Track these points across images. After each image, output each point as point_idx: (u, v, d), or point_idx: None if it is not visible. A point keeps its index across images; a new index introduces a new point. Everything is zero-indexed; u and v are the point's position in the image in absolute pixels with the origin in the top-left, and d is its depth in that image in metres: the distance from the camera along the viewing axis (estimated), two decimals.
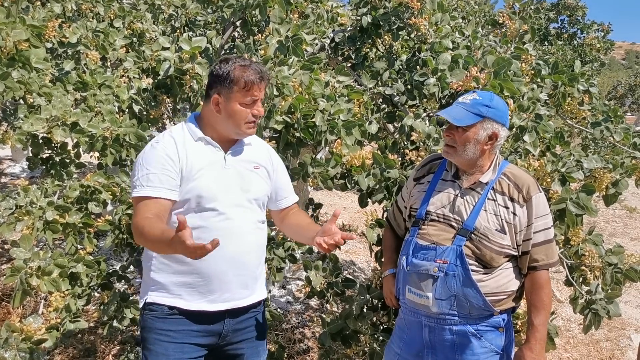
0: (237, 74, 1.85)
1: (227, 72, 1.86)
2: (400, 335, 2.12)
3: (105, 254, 4.37)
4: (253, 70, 1.86)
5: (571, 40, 8.16)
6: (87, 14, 3.74)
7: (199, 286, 1.86)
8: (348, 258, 5.70)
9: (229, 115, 1.88)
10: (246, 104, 1.87)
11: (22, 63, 2.84)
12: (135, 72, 3.27)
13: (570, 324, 4.79)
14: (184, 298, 1.87)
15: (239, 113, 1.87)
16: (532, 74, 3.31)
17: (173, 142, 1.88)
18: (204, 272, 1.85)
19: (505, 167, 2.03)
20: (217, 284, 1.87)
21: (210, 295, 1.88)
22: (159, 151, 1.85)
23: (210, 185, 1.85)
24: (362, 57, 3.78)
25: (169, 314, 1.87)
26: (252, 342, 2.03)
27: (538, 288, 1.97)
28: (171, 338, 1.86)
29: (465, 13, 5.16)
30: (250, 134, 1.95)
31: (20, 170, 7.44)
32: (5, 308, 3.93)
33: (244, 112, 1.88)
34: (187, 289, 1.87)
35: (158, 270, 1.88)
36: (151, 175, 1.80)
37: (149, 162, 1.83)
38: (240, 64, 1.88)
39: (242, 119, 1.88)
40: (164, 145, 1.87)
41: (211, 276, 1.86)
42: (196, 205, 1.84)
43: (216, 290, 1.88)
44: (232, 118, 1.88)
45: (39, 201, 2.62)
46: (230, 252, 1.87)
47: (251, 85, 1.85)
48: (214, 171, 1.89)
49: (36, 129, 2.76)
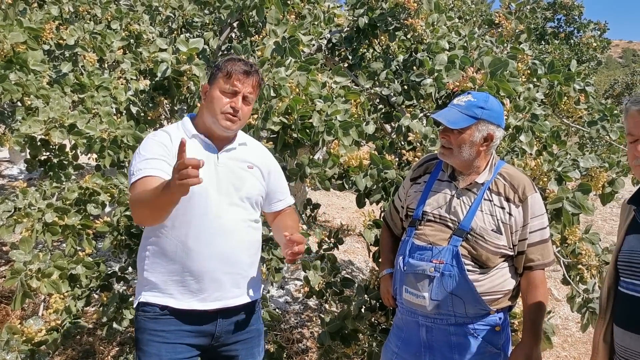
0: (224, 64, 1.92)
1: (218, 63, 1.94)
2: (398, 334, 2.13)
3: (104, 256, 4.37)
4: (241, 64, 1.92)
5: (568, 40, 8.18)
6: (85, 16, 3.74)
7: (190, 284, 1.87)
8: (346, 258, 5.71)
9: (209, 102, 1.92)
10: (225, 92, 1.89)
11: (19, 65, 2.84)
12: (133, 74, 3.27)
13: (568, 322, 4.81)
14: (175, 297, 1.88)
15: (217, 99, 1.89)
16: (528, 73, 3.33)
17: (167, 135, 1.93)
18: (194, 269, 1.86)
19: (501, 167, 2.04)
20: (207, 282, 1.88)
21: (200, 294, 1.88)
22: (155, 141, 1.90)
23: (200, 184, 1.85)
24: (359, 57, 3.79)
25: (161, 315, 1.88)
26: (247, 344, 2.03)
27: (534, 288, 1.98)
28: (163, 338, 1.86)
29: (462, 13, 5.17)
30: (226, 127, 1.91)
31: (18, 172, 7.43)
32: (5, 310, 3.93)
33: (222, 100, 1.89)
34: (178, 288, 1.88)
35: (150, 270, 1.90)
36: (149, 160, 1.84)
37: (146, 150, 1.88)
38: (233, 57, 1.95)
39: (218, 106, 1.89)
40: (159, 137, 1.92)
41: (201, 274, 1.87)
42: (187, 201, 1.78)
43: (207, 288, 1.88)
44: (210, 105, 1.91)
45: (38, 203, 2.62)
46: (219, 249, 1.87)
47: (233, 75, 1.88)
48: (205, 168, 1.89)
49: (34, 131, 2.77)
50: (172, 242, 1.86)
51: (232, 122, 1.91)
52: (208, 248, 1.86)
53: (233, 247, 1.91)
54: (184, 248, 1.85)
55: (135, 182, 1.81)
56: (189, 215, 1.85)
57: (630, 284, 1.58)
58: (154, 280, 1.89)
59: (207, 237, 1.86)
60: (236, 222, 1.93)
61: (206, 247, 1.86)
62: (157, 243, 1.89)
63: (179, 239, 1.85)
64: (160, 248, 1.88)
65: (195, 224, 1.84)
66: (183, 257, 1.86)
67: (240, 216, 1.94)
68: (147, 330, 1.89)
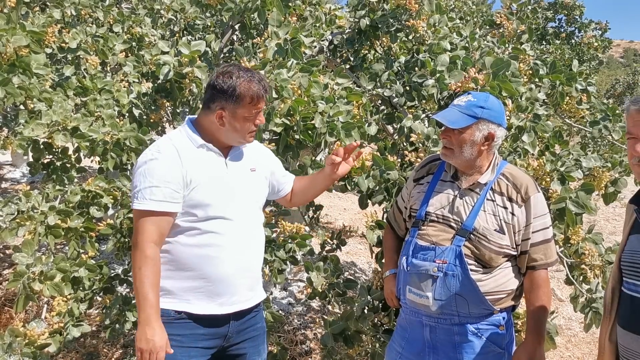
0: (243, 90, 1.84)
1: (233, 88, 1.84)
2: (402, 334, 2.13)
3: (107, 258, 4.38)
4: (257, 84, 1.86)
5: (569, 40, 8.16)
6: (87, 19, 3.75)
7: (207, 290, 1.88)
8: (349, 259, 5.71)
9: (234, 129, 1.89)
10: (252, 117, 1.90)
11: (22, 69, 2.85)
12: (135, 77, 3.28)
13: (571, 322, 4.79)
14: (192, 303, 1.88)
15: (245, 125, 1.89)
16: (530, 74, 3.32)
17: (175, 151, 1.85)
18: (212, 276, 1.87)
19: (504, 168, 2.04)
20: (224, 288, 1.89)
21: (218, 299, 1.89)
22: (162, 163, 1.82)
23: (215, 193, 1.87)
24: (361, 59, 3.79)
25: (176, 318, 1.87)
26: (254, 341, 2.05)
27: (537, 287, 1.98)
28: (178, 342, 1.86)
29: (463, 14, 5.17)
30: (251, 142, 1.99)
31: (21, 176, 7.44)
32: (8, 313, 3.94)
33: (249, 125, 1.90)
34: (195, 294, 1.88)
35: (164, 276, 1.87)
36: (154, 188, 1.79)
37: (152, 174, 1.81)
38: (245, 78, 1.85)
39: (246, 131, 1.91)
40: (167, 156, 1.84)
41: (219, 280, 1.88)
42: (203, 214, 1.85)
43: (224, 293, 1.89)
44: (237, 132, 1.90)
45: (41, 206, 2.63)
46: (237, 257, 1.89)
47: (257, 100, 1.87)
48: (217, 179, 1.90)
49: (37, 134, 2.77)
50: (187, 249, 1.86)
51: (255, 133, 1.98)
52: (223, 254, 1.87)
53: (250, 254, 1.95)
54: (200, 255, 1.85)
55: (139, 211, 1.81)
56: (206, 224, 1.86)
57: (632, 285, 1.58)
58: (168, 287, 1.87)
59: (222, 244, 1.87)
60: (251, 228, 1.96)
61: (222, 253, 1.87)
62: (171, 251, 1.87)
63: (195, 246, 1.86)
64: (174, 256, 1.87)
65: (211, 231, 1.85)
66: (199, 264, 1.86)
67: (252, 221, 1.98)
68: None
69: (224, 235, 1.87)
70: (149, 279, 1.75)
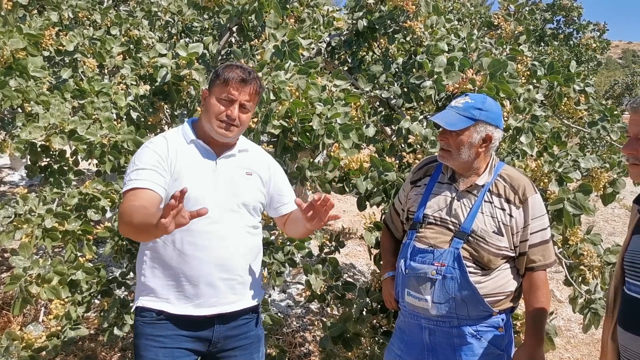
0: (221, 71, 1.91)
1: (217, 69, 1.93)
2: (400, 337, 2.13)
3: (105, 261, 4.37)
4: (238, 71, 1.90)
5: (567, 41, 8.17)
6: (84, 21, 3.75)
7: (186, 289, 1.87)
8: (348, 261, 5.70)
9: (206, 109, 1.92)
10: (221, 100, 1.89)
11: (19, 72, 2.85)
12: (133, 79, 3.28)
13: (570, 323, 4.79)
14: (171, 302, 1.88)
15: (213, 107, 1.89)
16: (527, 74, 3.33)
17: (165, 142, 1.92)
18: (189, 274, 1.86)
19: (501, 169, 2.04)
20: (203, 288, 1.87)
21: (196, 299, 1.88)
22: (150, 150, 1.89)
23: (196, 187, 1.85)
24: (359, 60, 3.80)
25: (157, 319, 1.88)
26: (246, 350, 2.01)
27: (535, 289, 1.98)
28: (161, 343, 1.86)
29: (461, 15, 5.18)
30: (221, 135, 1.91)
31: (18, 179, 7.44)
32: (5, 316, 3.93)
33: (217, 108, 1.89)
34: (174, 293, 1.88)
35: (148, 275, 1.90)
36: (140, 170, 1.83)
37: (140, 159, 1.87)
38: (232, 64, 1.93)
39: (214, 113, 1.89)
40: (155, 145, 1.91)
41: (197, 279, 1.86)
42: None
43: (203, 294, 1.88)
44: (207, 112, 1.92)
45: (38, 209, 2.62)
46: (215, 254, 1.87)
47: (229, 83, 1.87)
48: (202, 173, 1.90)
49: (34, 137, 2.77)
50: (168, 247, 1.86)
51: (227, 130, 1.90)
52: (204, 253, 1.86)
53: (229, 252, 1.90)
54: (180, 253, 1.85)
55: (125, 192, 1.82)
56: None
57: (632, 285, 1.58)
58: (151, 285, 1.90)
59: (203, 243, 1.86)
60: (233, 228, 1.92)
61: (202, 252, 1.86)
62: (155, 249, 1.89)
63: (176, 244, 1.86)
64: (157, 253, 1.89)
65: (192, 229, 1.81)
66: (179, 262, 1.86)
67: (237, 222, 1.94)
68: (144, 335, 1.89)
69: (203, 234, 1.85)
70: (134, 210, 1.69)
